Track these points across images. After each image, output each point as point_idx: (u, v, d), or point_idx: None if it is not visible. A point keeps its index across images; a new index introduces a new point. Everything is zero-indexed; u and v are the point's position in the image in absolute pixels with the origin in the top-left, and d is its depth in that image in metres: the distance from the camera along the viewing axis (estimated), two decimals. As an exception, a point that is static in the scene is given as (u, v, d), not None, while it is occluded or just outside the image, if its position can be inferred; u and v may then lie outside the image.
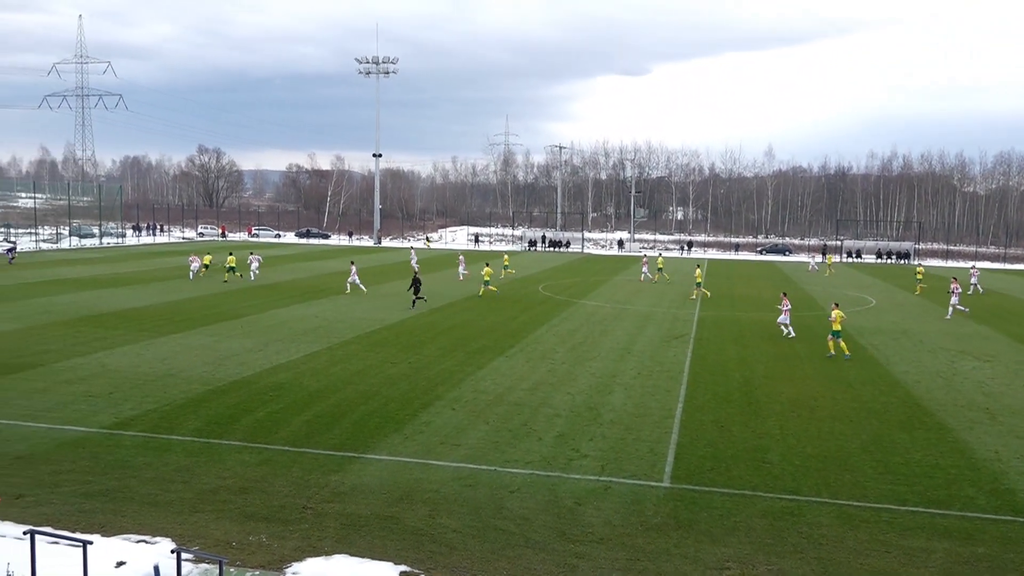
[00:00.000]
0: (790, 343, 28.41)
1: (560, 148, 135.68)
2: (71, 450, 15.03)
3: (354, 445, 15.59)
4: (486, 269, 42.25)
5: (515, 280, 50.45)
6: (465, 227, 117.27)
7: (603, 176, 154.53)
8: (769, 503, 13.22)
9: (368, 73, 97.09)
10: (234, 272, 45.79)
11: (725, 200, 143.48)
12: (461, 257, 51.91)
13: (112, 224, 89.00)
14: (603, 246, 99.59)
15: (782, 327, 29.88)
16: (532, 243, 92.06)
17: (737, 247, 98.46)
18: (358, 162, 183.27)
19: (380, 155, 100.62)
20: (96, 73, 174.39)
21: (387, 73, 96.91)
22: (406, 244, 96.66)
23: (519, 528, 12.04)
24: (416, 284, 36.61)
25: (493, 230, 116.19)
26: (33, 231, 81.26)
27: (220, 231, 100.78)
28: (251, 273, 46.57)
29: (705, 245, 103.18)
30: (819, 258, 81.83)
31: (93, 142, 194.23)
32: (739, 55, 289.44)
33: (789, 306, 30.36)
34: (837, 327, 25.81)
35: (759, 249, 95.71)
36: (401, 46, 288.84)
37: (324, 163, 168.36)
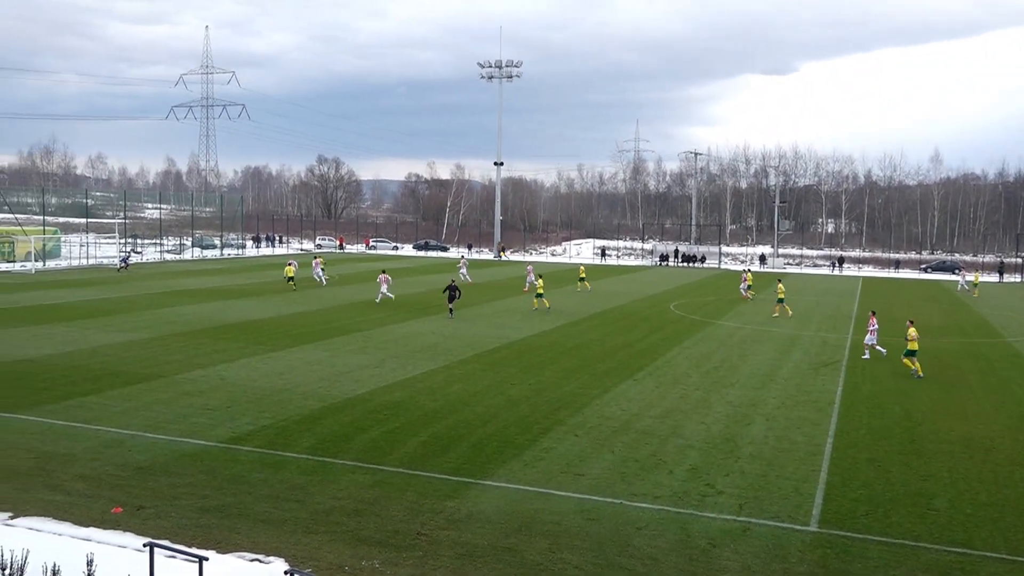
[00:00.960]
0: (960, 373, 26.80)
1: (695, 154, 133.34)
2: (189, 463, 15.90)
3: (471, 470, 15.73)
4: (538, 281, 42.94)
5: (646, 298, 49.95)
6: (591, 240, 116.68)
7: (743, 185, 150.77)
8: (935, 556, 12.48)
9: (490, 78, 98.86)
10: (292, 282, 49.85)
11: (883, 211, 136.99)
12: (530, 268, 55.33)
13: (233, 235, 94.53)
14: (742, 261, 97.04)
15: (868, 348, 29.10)
16: (664, 257, 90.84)
17: (897, 264, 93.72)
18: (479, 171, 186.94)
19: (502, 163, 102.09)
20: (220, 83, 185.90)
21: (510, 77, 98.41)
22: (528, 257, 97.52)
23: (646, 568, 11.81)
24: (452, 292, 38.45)
25: (621, 243, 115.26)
26: (158, 241, 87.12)
27: (338, 243, 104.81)
28: (316, 278, 52.68)
29: (859, 261, 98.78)
30: (970, 276, 76.60)
31: (216, 152, 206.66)
32: (896, 50, 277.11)
33: (876, 326, 29.53)
34: (913, 346, 25.97)
35: (923, 267, 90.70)
36: (524, 49, 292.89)
37: (444, 172, 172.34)
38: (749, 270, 58.12)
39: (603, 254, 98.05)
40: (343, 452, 16.77)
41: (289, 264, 51.75)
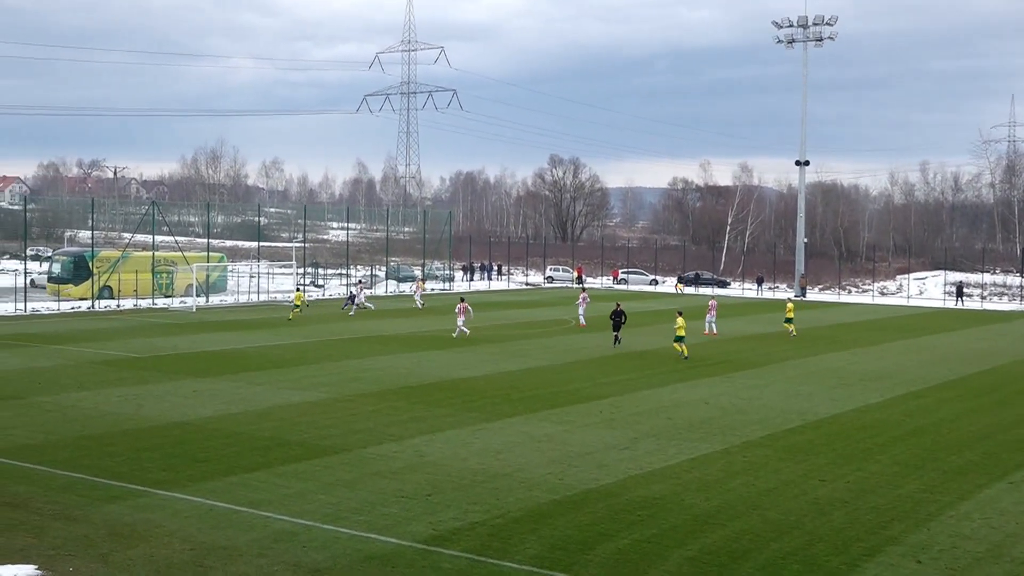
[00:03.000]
0: None
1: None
2: (378, 567, 16.54)
3: (760, 602, 15.33)
4: (678, 321, 44.55)
5: (1024, 358, 46.78)
6: (940, 272, 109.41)
7: None
8: None
9: (790, 42, 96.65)
10: (298, 309, 59.96)
11: None
12: (584, 296, 59.49)
13: (438, 263, 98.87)
14: None
15: None
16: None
17: None
18: (772, 174, 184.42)
19: (807, 163, 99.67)
20: (425, 63, 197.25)
21: (819, 40, 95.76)
22: (845, 298, 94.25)
23: None
24: (618, 318, 44.41)
25: (987, 277, 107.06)
26: (345, 271, 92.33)
27: (575, 274, 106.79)
28: (355, 307, 63.10)
29: None
30: None
31: (419, 154, 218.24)
32: None
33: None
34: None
35: None
36: (837, 1, 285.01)
37: (723, 176, 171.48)
38: (789, 300, 62.25)
39: (959, 294, 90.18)
40: (581, 565, 16.83)
41: (298, 290, 62.98)
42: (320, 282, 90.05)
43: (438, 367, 39.77)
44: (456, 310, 51.25)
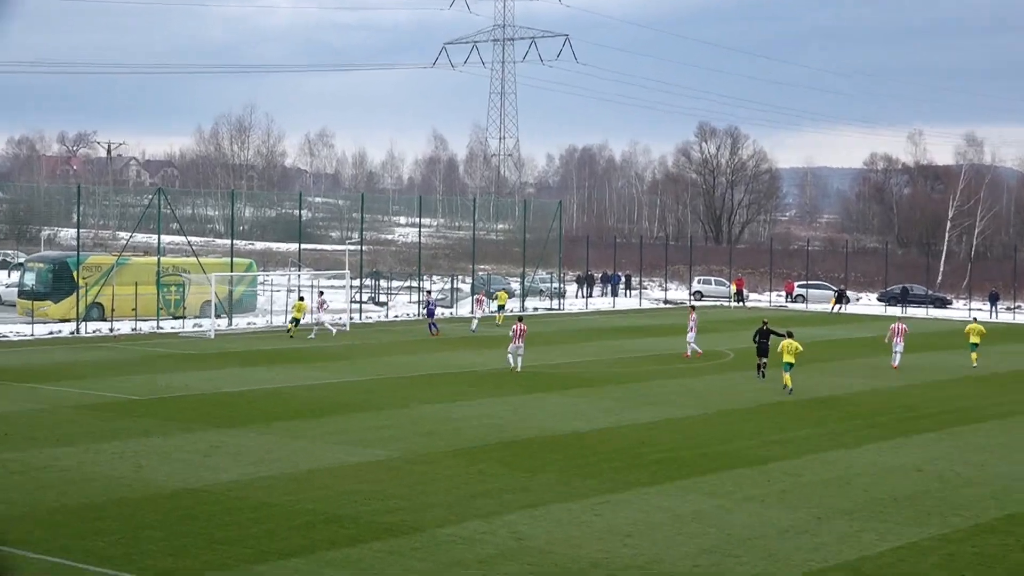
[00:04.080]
0: None
1: None
2: None
3: None
4: (788, 344, 45.52)
5: None
6: None
7: None
8: None
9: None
10: (297, 325, 64.08)
11: None
12: (693, 317, 59.13)
13: (544, 273, 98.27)
14: None
15: None
16: None
17: None
18: (1012, 148, 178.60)
19: None
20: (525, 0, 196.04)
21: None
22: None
23: None
24: (764, 338, 47.94)
25: None
26: (413, 282, 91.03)
27: (734, 288, 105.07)
28: (317, 328, 64.86)
29: None
30: None
31: (517, 124, 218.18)
32: None
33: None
34: None
35: None
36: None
37: (940, 153, 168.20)
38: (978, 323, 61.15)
39: None
40: None
41: (300, 299, 65.72)
42: (382, 298, 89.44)
43: (543, 417, 39.74)
44: (512, 331, 51.48)
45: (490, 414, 39.96)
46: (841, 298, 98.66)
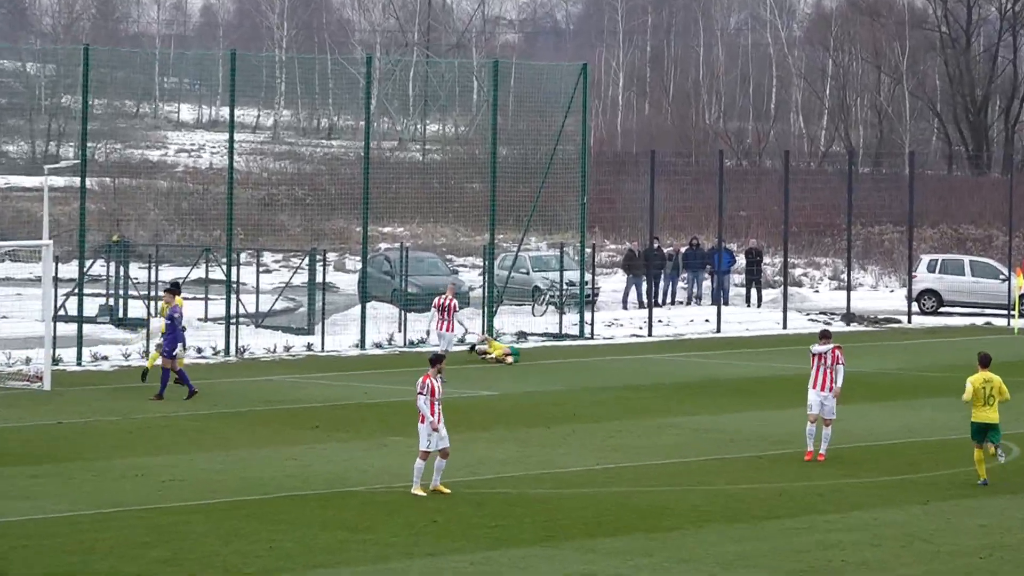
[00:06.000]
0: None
1: None
2: None
3: None
4: (977, 387, 32.64)
5: None
6: None
7: None
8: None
9: None
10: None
11: None
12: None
13: (544, 246, 66.54)
14: None
15: None
16: None
17: None
18: None
19: None
20: None
21: None
22: None
23: None
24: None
25: None
26: (214, 269, 60.47)
27: (1018, 277, 63.06)
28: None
29: None
30: None
31: None
32: None
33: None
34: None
35: None
36: None
37: None
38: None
39: None
40: None
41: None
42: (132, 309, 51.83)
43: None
44: (421, 387, 26.49)
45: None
46: None
